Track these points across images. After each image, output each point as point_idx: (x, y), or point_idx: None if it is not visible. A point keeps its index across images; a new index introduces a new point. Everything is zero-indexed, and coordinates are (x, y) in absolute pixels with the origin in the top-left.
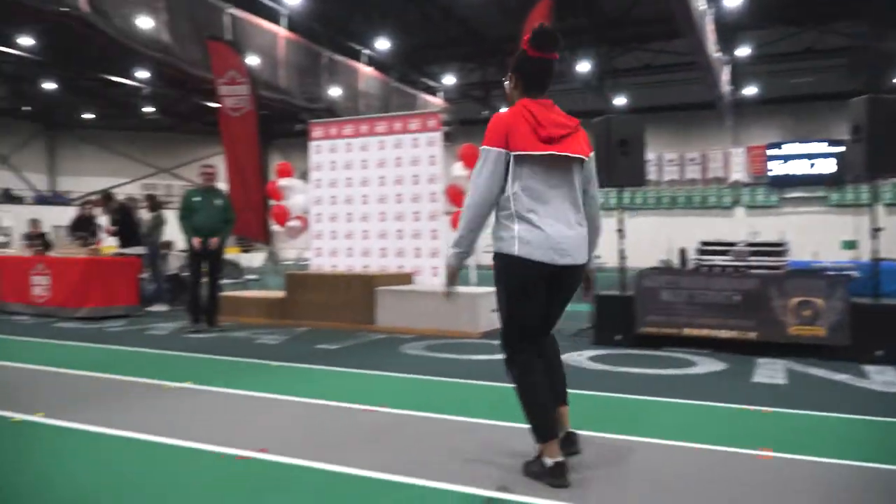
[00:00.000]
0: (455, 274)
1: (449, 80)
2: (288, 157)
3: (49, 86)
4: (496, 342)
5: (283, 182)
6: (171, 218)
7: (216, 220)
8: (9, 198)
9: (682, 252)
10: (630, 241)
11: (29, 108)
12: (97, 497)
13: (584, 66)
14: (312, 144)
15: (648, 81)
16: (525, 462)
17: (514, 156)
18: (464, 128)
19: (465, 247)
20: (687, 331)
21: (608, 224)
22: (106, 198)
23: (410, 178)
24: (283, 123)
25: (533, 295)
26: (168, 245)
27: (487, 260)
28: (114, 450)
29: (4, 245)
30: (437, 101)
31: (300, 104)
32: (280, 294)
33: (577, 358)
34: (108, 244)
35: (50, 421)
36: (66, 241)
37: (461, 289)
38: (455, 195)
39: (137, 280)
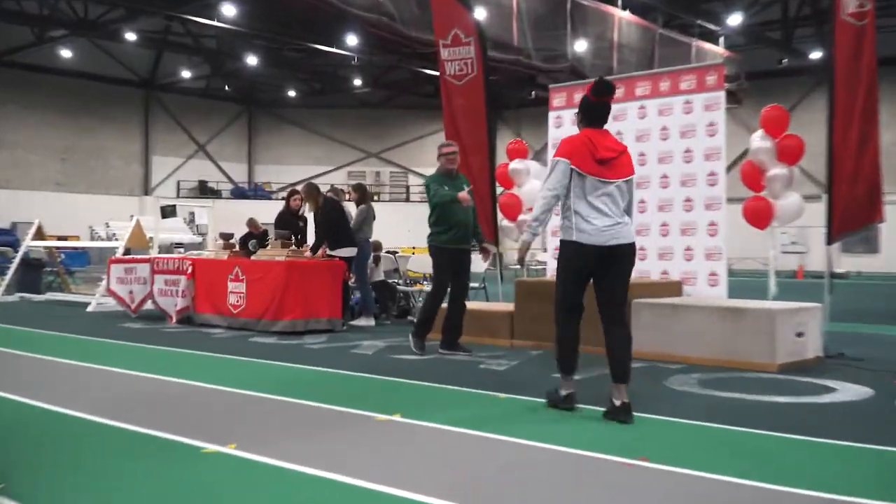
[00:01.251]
0: (527, 249)
1: (734, 20)
2: (520, 133)
3: (251, 60)
4: (803, 378)
5: (514, 165)
6: (385, 211)
7: (471, 215)
8: (204, 190)
9: None
10: None
11: (228, 89)
12: None
13: None
14: (552, 115)
15: None
16: (547, 392)
17: (574, 171)
18: (756, 84)
19: (537, 229)
20: None
21: None
22: (310, 189)
23: (681, 155)
24: (516, 90)
25: (583, 275)
26: (379, 246)
27: (786, 265)
28: (310, 493)
29: (199, 246)
30: (717, 49)
31: (537, 65)
32: (507, 307)
33: None
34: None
35: (243, 454)
36: (272, 242)
37: (752, 303)
38: (752, 175)
39: (342, 288)
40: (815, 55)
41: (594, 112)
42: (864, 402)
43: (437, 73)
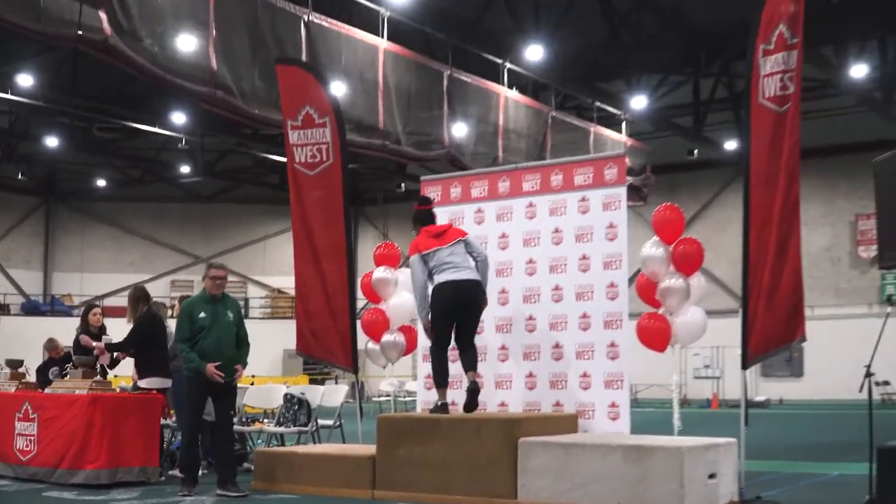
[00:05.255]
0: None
1: (639, 102)
2: (388, 234)
3: (51, 142)
4: None
5: (380, 273)
6: None
7: (230, 342)
8: None
9: None
10: None
11: (22, 177)
12: None
13: (859, 71)
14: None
15: None
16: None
17: (426, 255)
18: (664, 178)
19: (423, 315)
20: None
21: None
22: (135, 294)
23: (576, 262)
24: (382, 182)
25: (448, 313)
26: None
27: (701, 392)
28: None
29: None
30: (619, 137)
31: (408, 152)
32: (369, 449)
33: None
34: (125, 373)
35: None
36: (70, 370)
37: (659, 440)
38: (648, 289)
39: (159, 428)
40: (731, 145)
41: (423, 217)
42: None
43: (284, 160)
